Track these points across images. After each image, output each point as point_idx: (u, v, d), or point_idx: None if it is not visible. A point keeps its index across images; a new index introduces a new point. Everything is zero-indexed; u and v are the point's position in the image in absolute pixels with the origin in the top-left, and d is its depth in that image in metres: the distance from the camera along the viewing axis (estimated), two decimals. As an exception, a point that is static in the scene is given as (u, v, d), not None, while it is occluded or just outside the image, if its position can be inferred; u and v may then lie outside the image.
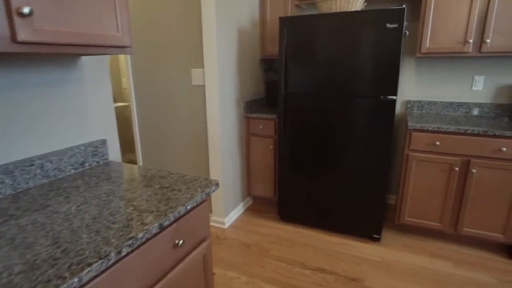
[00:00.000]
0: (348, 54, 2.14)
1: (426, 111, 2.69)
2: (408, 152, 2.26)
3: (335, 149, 2.35)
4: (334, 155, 2.36)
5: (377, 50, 2.06)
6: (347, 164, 2.34)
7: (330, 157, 2.38)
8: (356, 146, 2.28)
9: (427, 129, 2.15)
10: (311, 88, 2.31)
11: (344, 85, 2.20)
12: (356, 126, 2.24)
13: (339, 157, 2.35)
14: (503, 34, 2.11)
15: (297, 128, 2.43)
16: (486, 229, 2.18)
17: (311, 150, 2.43)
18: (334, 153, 2.36)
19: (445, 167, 2.18)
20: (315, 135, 2.38)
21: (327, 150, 2.38)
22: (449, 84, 2.59)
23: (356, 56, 2.12)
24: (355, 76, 2.16)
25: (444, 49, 2.25)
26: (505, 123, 2.20)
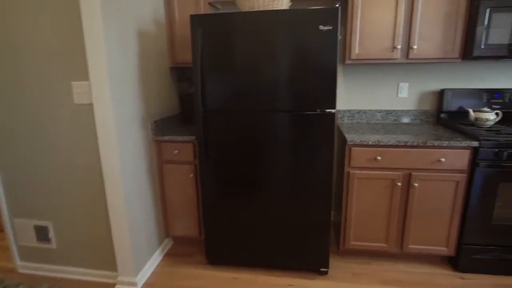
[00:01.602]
0: (277, 61, 1.78)
1: (356, 121, 2.53)
2: (349, 170, 2.02)
3: (270, 173, 1.96)
4: (268, 180, 1.97)
5: (311, 57, 1.75)
6: (285, 190, 1.97)
7: (264, 183, 1.98)
8: (293, 169, 1.93)
9: (367, 144, 1.93)
10: (235, 103, 1.88)
11: (275, 98, 1.84)
12: (291, 146, 1.89)
13: (275, 182, 1.97)
14: (428, 40, 2.03)
15: (222, 151, 1.97)
16: (430, 243, 2.06)
17: (241, 176, 2.00)
18: (269, 178, 1.97)
19: (388, 183, 2.00)
20: (245, 158, 1.96)
21: (260, 175, 1.97)
22: (377, 91, 2.48)
23: (286, 64, 1.78)
24: (287, 87, 1.81)
25: (373, 55, 2.09)
26: (436, 132, 2.13)
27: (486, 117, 2.09)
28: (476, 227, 1.97)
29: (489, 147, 1.84)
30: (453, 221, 2.00)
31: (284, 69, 1.79)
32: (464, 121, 2.31)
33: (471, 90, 2.29)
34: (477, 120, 2.12)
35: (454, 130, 2.14)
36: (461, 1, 1.95)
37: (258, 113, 1.88)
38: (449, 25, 2.00)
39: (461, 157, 1.89)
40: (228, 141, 1.95)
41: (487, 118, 2.09)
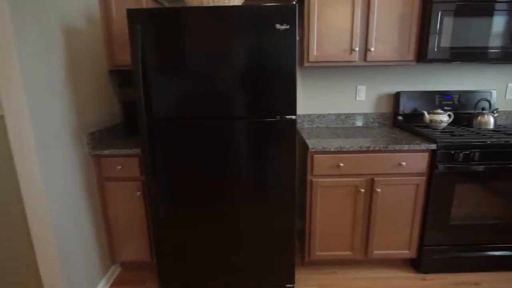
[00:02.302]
0: (231, 63, 1.61)
1: (316, 125, 2.44)
2: (312, 178, 1.91)
3: (228, 186, 1.78)
4: (226, 193, 1.79)
5: (268, 59, 1.60)
6: (245, 203, 1.80)
7: (222, 197, 1.79)
8: (253, 180, 1.77)
9: (329, 150, 1.84)
10: (186, 110, 1.67)
11: (230, 104, 1.66)
12: (251, 155, 1.73)
13: (234, 195, 1.79)
14: (385, 43, 2.00)
15: (173, 164, 1.75)
16: (393, 247, 2.03)
17: (196, 191, 1.79)
18: (227, 191, 1.79)
19: (351, 189, 1.92)
20: (199, 170, 1.76)
21: (217, 189, 1.78)
22: (336, 95, 2.41)
23: (242, 66, 1.61)
24: (243, 92, 1.64)
25: (332, 58, 2.00)
26: (395, 135, 2.11)
27: (440, 119, 2.11)
28: (435, 228, 1.98)
29: (446, 149, 1.84)
30: (414, 224, 1.99)
31: (239, 71, 1.62)
32: (420, 123, 2.34)
33: (424, 93, 2.32)
34: (432, 122, 2.14)
35: (411, 133, 2.14)
36: (414, 4, 1.94)
37: (212, 121, 1.69)
38: (404, 28, 1.98)
39: (420, 160, 1.87)
40: (179, 153, 1.73)
41: (441, 120, 2.11)
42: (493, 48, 1.93)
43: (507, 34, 1.91)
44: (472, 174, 1.89)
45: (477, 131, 2.06)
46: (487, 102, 2.27)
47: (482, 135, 1.95)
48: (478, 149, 1.84)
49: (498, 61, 2.05)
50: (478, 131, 2.06)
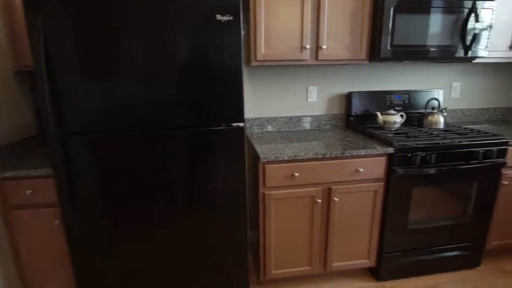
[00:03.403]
0: (165, 62, 1.34)
1: (267, 130, 2.26)
2: (264, 191, 1.71)
3: (166, 206, 1.51)
4: (165, 215, 1.52)
5: (209, 56, 1.36)
6: (188, 224, 1.55)
7: (162, 218, 1.52)
8: (196, 198, 1.52)
9: (283, 159, 1.65)
10: (111, 119, 1.37)
11: (165, 113, 1.39)
12: (194, 169, 1.48)
13: (174, 217, 1.53)
14: (337, 40, 1.86)
15: (97, 184, 1.44)
16: (353, 258, 1.92)
17: (128, 214, 1.50)
18: (166, 213, 1.52)
19: (308, 200, 1.76)
20: (130, 191, 1.47)
21: (155, 210, 1.51)
22: (287, 96, 2.24)
23: (178, 66, 1.35)
24: (181, 98, 1.39)
25: (282, 56, 1.82)
26: (350, 138, 1.99)
27: (393, 120, 2.05)
28: (394, 234, 1.90)
29: (403, 152, 1.76)
30: (373, 231, 1.89)
31: (175, 72, 1.36)
32: (373, 124, 2.26)
33: (376, 93, 2.25)
34: (385, 123, 2.07)
35: (365, 135, 2.05)
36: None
37: (143, 131, 1.40)
38: (356, 25, 1.86)
39: (378, 165, 1.77)
40: (104, 171, 1.42)
41: (394, 120, 2.04)
42: (442, 47, 1.89)
43: (455, 33, 1.89)
44: (429, 176, 1.83)
45: (429, 131, 2.02)
46: (436, 101, 2.26)
47: (436, 135, 1.91)
48: (434, 151, 1.79)
49: (446, 60, 2.03)
50: (430, 131, 2.02)
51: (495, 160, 1.89)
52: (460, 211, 1.96)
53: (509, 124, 2.39)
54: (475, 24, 1.86)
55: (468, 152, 1.84)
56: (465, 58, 1.96)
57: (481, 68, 2.46)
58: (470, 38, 1.91)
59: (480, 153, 1.85)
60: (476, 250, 2.06)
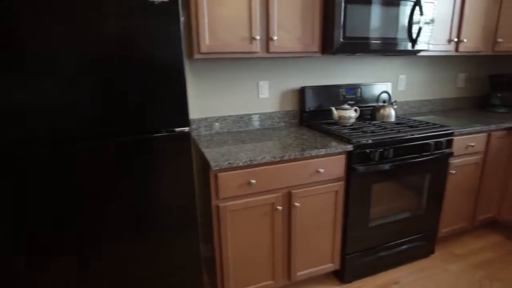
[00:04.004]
0: (87, 54, 1.04)
1: (216, 131, 2.03)
2: (218, 203, 1.49)
3: (100, 234, 1.22)
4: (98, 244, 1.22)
5: (142, 47, 1.09)
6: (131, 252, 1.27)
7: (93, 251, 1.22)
8: (139, 218, 1.25)
9: (237, 166, 1.44)
10: (19, 127, 1.03)
11: (89, 119, 1.10)
12: (128, 187, 1.21)
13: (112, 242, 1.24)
14: (288, 31, 1.70)
15: (12, 208, 1.09)
16: (317, 263, 1.80)
17: (49, 246, 1.17)
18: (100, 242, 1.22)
19: (267, 209, 1.58)
20: (48, 220, 1.14)
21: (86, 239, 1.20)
22: (237, 93, 2.03)
23: (102, 62, 1.06)
24: (108, 100, 1.10)
25: (230, 48, 1.61)
26: (306, 136, 1.86)
27: (348, 115, 1.97)
28: (356, 234, 1.82)
29: (362, 149, 1.67)
30: (336, 233, 1.79)
31: (99, 69, 1.06)
32: (327, 119, 2.17)
33: (329, 87, 2.16)
34: (340, 118, 1.98)
35: (322, 132, 1.93)
36: (315, -14, 1.70)
37: (59, 143, 1.09)
38: (307, 15, 1.72)
39: (338, 163, 1.66)
40: (12, 194, 1.08)
41: (349, 116, 1.97)
42: (392, 40, 1.85)
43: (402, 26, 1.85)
44: (387, 172, 1.78)
45: (383, 125, 1.98)
46: (387, 94, 2.24)
47: (390, 129, 1.87)
48: (391, 146, 1.74)
49: (396, 53, 2.00)
50: (384, 125, 1.99)
51: (444, 151, 1.91)
52: (415, 203, 1.96)
53: (450, 114, 2.49)
54: (420, 17, 1.85)
55: (421, 144, 1.83)
56: (412, 51, 1.95)
57: (423, 61, 2.52)
58: (416, 31, 1.89)
59: (432, 145, 1.85)
60: (430, 239, 2.09)
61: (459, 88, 2.74)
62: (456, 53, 2.20)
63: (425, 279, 1.92)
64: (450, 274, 1.96)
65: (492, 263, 2.07)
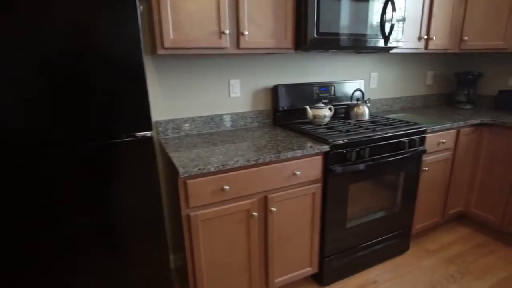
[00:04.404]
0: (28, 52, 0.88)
1: (185, 133, 1.89)
2: (188, 213, 1.36)
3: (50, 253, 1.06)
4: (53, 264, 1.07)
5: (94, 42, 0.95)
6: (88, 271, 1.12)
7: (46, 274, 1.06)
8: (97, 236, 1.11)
9: (209, 172, 1.33)
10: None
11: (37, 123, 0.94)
12: (84, 200, 1.06)
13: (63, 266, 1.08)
14: (260, 26, 1.61)
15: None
16: (296, 268, 1.74)
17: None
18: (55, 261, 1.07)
19: (242, 215, 1.48)
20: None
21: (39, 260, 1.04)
22: (206, 92, 1.91)
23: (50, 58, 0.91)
24: (57, 102, 0.95)
25: (197, 43, 1.48)
26: (280, 137, 1.78)
27: (323, 114, 1.91)
28: (333, 236, 1.77)
29: (339, 149, 1.62)
30: (314, 236, 1.73)
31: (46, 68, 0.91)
32: (301, 119, 2.11)
33: (303, 85, 2.09)
34: (315, 117, 1.92)
35: (296, 132, 1.86)
36: (287, -22, 1.61)
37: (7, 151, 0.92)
38: (279, 9, 1.64)
39: (315, 165, 1.59)
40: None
41: (324, 115, 1.91)
42: (366, 36, 1.81)
43: (376, 22, 1.82)
44: (363, 171, 1.74)
45: (358, 124, 1.95)
46: (360, 92, 2.22)
47: (365, 128, 1.84)
48: (367, 145, 1.70)
49: (370, 50, 1.97)
50: (359, 124, 1.95)
51: (418, 148, 1.91)
52: (390, 202, 1.95)
53: (421, 112, 2.52)
54: (393, 13, 1.82)
55: (396, 142, 1.81)
56: (385, 48, 1.93)
57: (394, 58, 2.53)
58: (389, 28, 1.87)
59: (406, 142, 1.84)
60: (405, 236, 2.10)
61: (427, 85, 2.79)
62: (426, 50, 2.22)
63: (402, 277, 1.92)
64: (425, 270, 1.98)
65: (462, 256, 2.11)
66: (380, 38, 1.87)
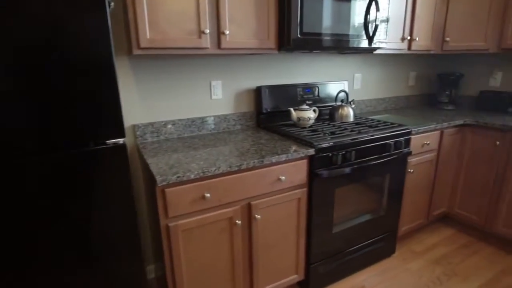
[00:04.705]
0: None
1: (164, 137, 1.80)
2: (167, 223, 1.28)
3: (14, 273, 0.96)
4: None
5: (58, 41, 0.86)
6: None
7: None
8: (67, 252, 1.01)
9: (188, 179, 1.25)
10: None
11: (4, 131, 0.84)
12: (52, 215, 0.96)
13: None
14: (241, 25, 1.54)
15: None
16: (282, 276, 1.68)
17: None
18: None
19: (225, 224, 1.41)
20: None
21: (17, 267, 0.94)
22: (187, 94, 1.83)
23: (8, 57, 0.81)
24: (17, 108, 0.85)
25: (175, 43, 1.40)
26: (264, 140, 1.72)
27: (307, 116, 1.86)
28: (320, 241, 1.72)
29: (324, 152, 1.57)
30: (300, 243, 1.67)
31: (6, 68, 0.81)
32: (285, 121, 2.05)
33: (286, 86, 2.04)
34: (299, 120, 1.87)
35: (281, 135, 1.81)
36: (269, -24, 1.56)
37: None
38: (262, 7, 1.58)
39: (300, 169, 1.54)
40: None
41: (308, 117, 1.86)
42: (351, 37, 1.78)
43: (360, 22, 1.79)
44: (349, 175, 1.71)
45: (343, 126, 1.91)
46: (344, 93, 2.18)
47: (350, 130, 1.80)
48: (353, 147, 1.66)
49: (354, 51, 1.94)
50: (344, 126, 1.91)
51: (403, 150, 1.89)
52: (376, 205, 1.92)
53: (404, 113, 2.52)
54: (377, 13, 1.80)
55: (382, 145, 1.78)
56: (369, 48, 1.90)
57: (377, 59, 2.52)
58: (373, 28, 1.84)
59: (392, 145, 1.81)
60: (391, 239, 2.08)
61: (410, 86, 2.80)
62: (409, 51, 2.21)
63: (389, 281, 1.89)
64: (412, 273, 1.96)
65: (448, 257, 2.11)
66: (364, 39, 1.83)
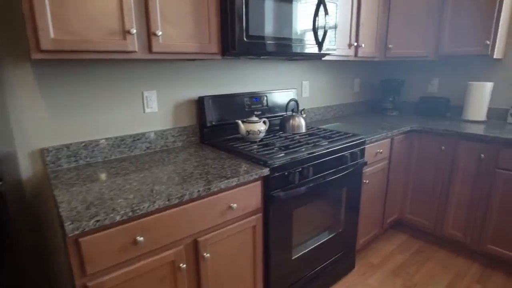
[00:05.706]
0: None
1: (86, 162, 1.45)
2: (86, 282, 0.96)
3: None
4: None
5: None
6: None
7: None
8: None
9: (113, 222, 0.95)
10: None
11: None
12: None
13: None
14: (176, 25, 1.29)
15: None
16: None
17: None
18: None
19: (166, 270, 1.13)
20: None
21: None
22: (115, 108, 1.50)
23: None
24: None
25: (90, 45, 1.10)
26: (211, 160, 1.47)
27: (257, 129, 1.66)
28: (280, 271, 1.52)
29: (280, 171, 1.38)
30: (257, 277, 1.46)
31: None
32: (233, 134, 1.83)
33: (232, 96, 1.83)
34: (249, 133, 1.67)
35: (229, 152, 1.58)
36: (208, -32, 1.33)
37: None
38: (200, 5, 1.34)
39: (253, 193, 1.33)
40: None
41: (258, 129, 1.67)
42: (300, 42, 1.63)
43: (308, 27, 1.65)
44: (307, 193, 1.54)
45: (296, 138, 1.76)
46: (295, 102, 2.04)
47: (305, 143, 1.65)
48: (310, 163, 1.50)
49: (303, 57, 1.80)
50: (297, 138, 1.76)
51: (359, 161, 1.80)
52: (335, 221, 1.80)
53: (352, 119, 2.47)
54: (325, 17, 1.68)
55: (339, 157, 1.66)
56: (319, 54, 1.78)
57: (324, 65, 2.44)
58: (322, 34, 1.73)
59: (348, 156, 1.70)
60: (350, 254, 1.97)
61: (355, 93, 2.79)
62: (356, 58, 2.16)
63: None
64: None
65: (405, 266, 2.07)
66: (312, 45, 1.71)
